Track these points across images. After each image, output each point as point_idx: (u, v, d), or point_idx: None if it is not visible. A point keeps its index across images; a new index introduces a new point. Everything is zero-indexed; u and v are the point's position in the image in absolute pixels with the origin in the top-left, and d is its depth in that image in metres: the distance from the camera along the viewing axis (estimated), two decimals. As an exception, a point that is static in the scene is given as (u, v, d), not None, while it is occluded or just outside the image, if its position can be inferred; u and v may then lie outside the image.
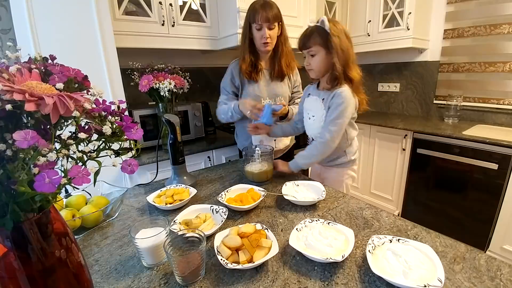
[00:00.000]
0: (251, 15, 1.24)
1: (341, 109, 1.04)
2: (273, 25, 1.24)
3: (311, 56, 1.07)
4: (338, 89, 1.05)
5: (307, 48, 1.07)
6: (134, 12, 1.58)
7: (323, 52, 1.05)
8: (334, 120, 1.05)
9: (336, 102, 1.05)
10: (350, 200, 0.93)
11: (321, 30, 1.03)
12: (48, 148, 0.34)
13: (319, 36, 1.03)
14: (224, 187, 1.02)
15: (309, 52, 1.07)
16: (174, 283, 0.58)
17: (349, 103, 1.05)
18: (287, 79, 1.45)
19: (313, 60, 1.07)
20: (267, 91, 1.39)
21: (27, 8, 1.11)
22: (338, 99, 1.04)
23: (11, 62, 0.39)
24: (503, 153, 1.57)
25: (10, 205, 0.36)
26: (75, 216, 0.77)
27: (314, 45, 1.04)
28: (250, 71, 1.32)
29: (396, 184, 2.20)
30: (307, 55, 1.09)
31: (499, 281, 0.54)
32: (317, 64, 1.07)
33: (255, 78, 1.35)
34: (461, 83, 2.19)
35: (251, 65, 1.32)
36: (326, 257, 0.60)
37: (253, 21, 1.24)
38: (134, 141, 0.48)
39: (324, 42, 1.03)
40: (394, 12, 2.18)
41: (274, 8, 1.24)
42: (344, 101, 1.04)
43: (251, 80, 1.35)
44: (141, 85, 1.47)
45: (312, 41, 1.04)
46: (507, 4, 1.86)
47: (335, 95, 1.05)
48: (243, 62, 1.31)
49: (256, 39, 1.27)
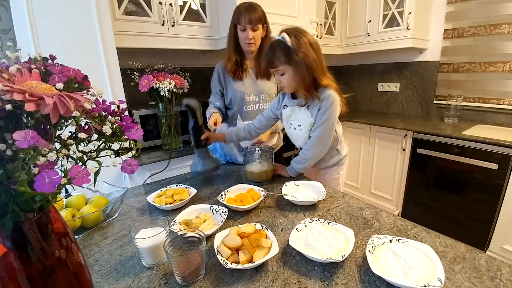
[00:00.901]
0: (235, 16, 1.29)
1: (330, 112, 1.04)
2: (257, 26, 1.29)
3: (280, 75, 1.03)
4: (325, 91, 1.04)
5: (274, 68, 1.03)
6: (134, 12, 1.58)
7: (291, 69, 1.00)
8: (324, 122, 1.05)
9: (325, 106, 1.04)
10: (350, 200, 0.93)
11: (283, 46, 0.98)
12: (48, 148, 0.34)
13: (283, 54, 0.98)
14: (224, 187, 1.02)
15: (277, 72, 1.03)
16: (174, 283, 0.58)
17: (337, 103, 1.05)
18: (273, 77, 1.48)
19: (283, 79, 1.03)
20: (252, 88, 1.42)
21: (27, 8, 1.11)
22: (327, 101, 1.03)
23: (11, 62, 0.39)
24: (503, 153, 1.57)
25: (10, 205, 0.36)
26: (75, 216, 0.77)
27: (281, 64, 1.00)
28: (235, 69, 1.37)
29: (396, 184, 2.20)
30: (276, 73, 1.05)
31: (499, 281, 0.54)
32: (288, 82, 1.04)
33: (240, 76, 1.39)
34: (461, 83, 2.19)
35: (236, 64, 1.37)
36: (326, 257, 0.60)
37: (237, 23, 1.28)
38: (134, 141, 0.48)
39: (289, 60, 0.98)
40: (394, 12, 2.18)
41: (258, 11, 1.28)
42: (332, 104, 1.04)
43: (236, 78, 1.39)
44: (141, 85, 1.48)
45: (277, 61, 1.00)
46: (507, 4, 1.86)
47: (324, 98, 1.04)
48: (229, 61, 1.36)
49: (240, 40, 1.32)
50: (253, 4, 1.30)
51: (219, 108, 1.44)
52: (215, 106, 1.44)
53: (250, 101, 1.42)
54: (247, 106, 1.42)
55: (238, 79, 1.39)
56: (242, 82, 1.39)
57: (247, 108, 1.42)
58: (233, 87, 1.39)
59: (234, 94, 1.39)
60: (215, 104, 1.44)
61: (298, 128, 1.15)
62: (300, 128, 1.14)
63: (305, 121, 1.10)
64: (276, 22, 1.90)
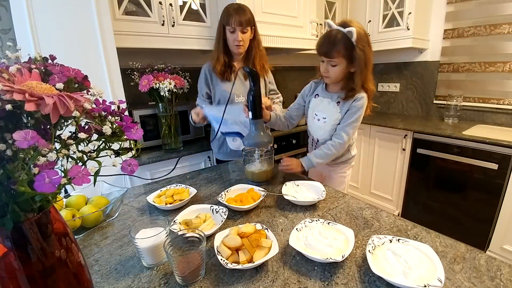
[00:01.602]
0: (225, 18, 1.29)
1: (360, 113, 1.07)
2: (246, 29, 1.30)
3: (332, 66, 1.03)
4: (359, 94, 1.06)
5: (329, 58, 1.01)
6: (134, 12, 1.58)
7: (345, 63, 1.01)
8: (352, 123, 1.08)
9: (356, 106, 1.06)
10: (350, 200, 0.93)
11: (346, 40, 0.96)
12: (48, 148, 0.34)
13: (344, 47, 0.97)
14: (224, 187, 1.02)
15: (330, 62, 1.02)
16: (174, 283, 0.58)
17: (364, 108, 1.08)
18: (262, 78, 1.49)
19: (333, 70, 1.03)
20: (241, 89, 1.43)
21: (27, 8, 1.11)
22: (359, 103, 1.06)
23: (11, 62, 0.39)
24: (503, 153, 1.57)
25: (10, 205, 0.36)
26: (75, 216, 0.77)
27: (338, 57, 0.99)
28: (224, 71, 1.37)
29: (396, 184, 2.20)
30: (327, 63, 1.04)
31: (499, 281, 0.54)
32: (336, 74, 1.04)
33: (229, 77, 1.39)
34: (461, 83, 2.19)
35: (225, 65, 1.37)
36: (326, 257, 0.60)
37: (227, 24, 1.29)
38: (134, 141, 0.48)
39: (348, 54, 0.98)
40: (394, 12, 2.18)
41: (247, 13, 1.29)
42: (363, 106, 1.06)
43: (224, 79, 1.39)
44: (141, 85, 1.48)
45: (336, 52, 0.99)
46: (507, 4, 1.86)
47: (357, 99, 1.06)
48: (217, 62, 1.36)
49: (229, 41, 1.33)
50: (242, 6, 1.32)
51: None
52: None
53: (239, 101, 1.43)
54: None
55: (227, 80, 1.39)
56: (230, 83, 1.40)
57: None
58: (222, 88, 1.40)
59: (222, 95, 1.40)
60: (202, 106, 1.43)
61: (322, 120, 1.16)
62: (324, 121, 1.15)
63: (332, 116, 1.12)
64: (276, 22, 1.91)
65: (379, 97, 2.82)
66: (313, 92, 1.22)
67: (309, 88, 1.24)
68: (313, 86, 1.23)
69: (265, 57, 1.46)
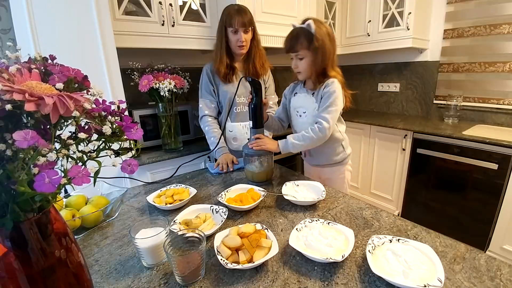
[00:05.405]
0: (227, 19, 1.30)
1: (334, 97, 1.08)
2: (248, 29, 1.32)
3: (299, 59, 1.09)
4: (328, 79, 1.09)
5: (294, 52, 1.09)
6: (134, 12, 1.58)
7: (310, 55, 1.07)
8: (328, 108, 1.08)
9: (328, 91, 1.08)
10: (350, 200, 0.93)
11: (307, 33, 1.05)
12: (48, 148, 0.34)
13: (306, 40, 1.05)
14: (224, 187, 1.02)
15: (297, 56, 1.09)
16: (174, 283, 0.58)
17: (339, 92, 1.09)
18: (262, 79, 1.51)
19: (301, 64, 1.10)
20: (242, 90, 1.43)
21: (27, 8, 1.11)
22: (330, 88, 1.08)
23: (11, 62, 0.39)
24: (503, 153, 1.57)
25: (10, 205, 0.36)
26: (75, 216, 0.77)
27: (302, 49, 1.07)
28: (226, 73, 1.38)
29: (396, 184, 2.20)
30: (295, 58, 1.11)
31: (499, 281, 0.54)
32: (305, 67, 1.10)
33: (231, 79, 1.41)
34: (461, 83, 2.19)
35: (227, 67, 1.38)
36: (326, 257, 0.60)
37: (229, 25, 1.30)
38: (134, 141, 0.48)
39: (310, 46, 1.05)
40: (394, 12, 2.18)
41: (248, 14, 1.31)
42: (335, 90, 1.08)
43: (226, 81, 1.41)
44: (141, 85, 1.48)
45: (299, 45, 1.06)
46: (507, 4, 1.86)
47: (326, 85, 1.09)
48: (220, 64, 1.37)
49: (231, 42, 1.34)
50: (242, 7, 1.33)
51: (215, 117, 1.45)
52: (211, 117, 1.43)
53: (240, 102, 1.45)
54: (237, 108, 1.45)
55: (228, 82, 1.41)
56: (232, 84, 1.41)
57: (237, 110, 1.45)
58: (223, 88, 1.41)
59: (224, 95, 1.41)
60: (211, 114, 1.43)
61: (304, 115, 1.19)
62: (305, 115, 1.18)
63: (310, 107, 1.15)
64: (276, 22, 1.91)
65: (379, 97, 2.82)
66: (292, 91, 1.27)
67: (289, 89, 1.30)
68: (291, 87, 1.29)
69: (265, 57, 1.48)
